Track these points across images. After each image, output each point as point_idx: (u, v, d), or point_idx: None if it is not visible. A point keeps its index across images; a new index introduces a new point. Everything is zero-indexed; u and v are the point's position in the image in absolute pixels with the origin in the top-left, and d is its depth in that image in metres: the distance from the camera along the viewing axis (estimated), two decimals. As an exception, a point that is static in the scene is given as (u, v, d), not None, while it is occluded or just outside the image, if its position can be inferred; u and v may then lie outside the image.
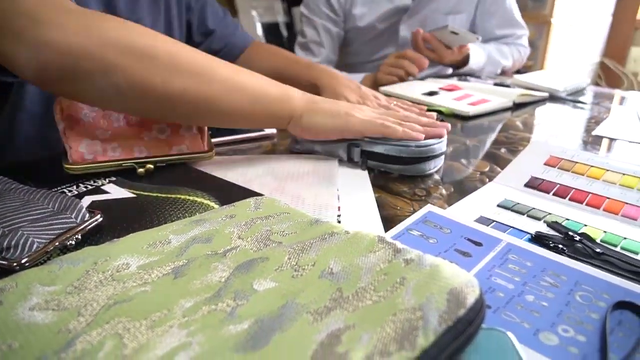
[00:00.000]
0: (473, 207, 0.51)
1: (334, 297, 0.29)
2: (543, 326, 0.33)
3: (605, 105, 1.04)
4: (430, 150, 0.57)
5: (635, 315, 0.34)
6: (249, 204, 0.44)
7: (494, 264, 0.39)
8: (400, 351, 0.23)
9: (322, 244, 0.34)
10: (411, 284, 0.28)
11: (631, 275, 0.39)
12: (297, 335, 0.26)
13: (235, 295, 0.30)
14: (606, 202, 0.52)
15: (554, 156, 0.63)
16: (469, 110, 0.88)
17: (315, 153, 0.65)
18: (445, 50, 1.18)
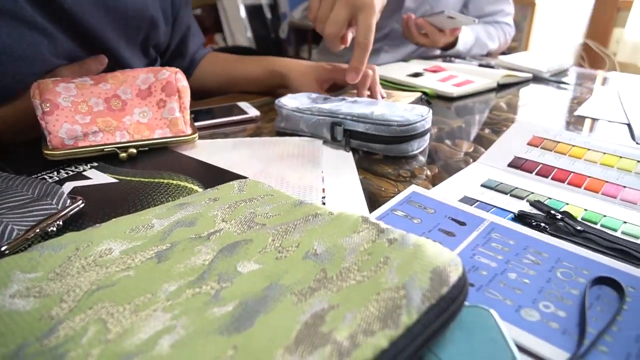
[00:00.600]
0: (457, 187, 0.51)
1: (318, 278, 0.29)
2: (525, 303, 0.33)
3: (588, 86, 1.05)
4: (413, 128, 0.57)
5: (613, 290, 0.34)
6: (233, 187, 0.44)
7: (477, 243, 0.40)
8: (383, 330, 0.24)
9: (306, 225, 0.34)
10: (395, 264, 0.28)
11: (610, 251, 0.40)
12: (281, 316, 0.26)
13: (219, 278, 0.30)
14: (587, 181, 0.53)
15: (537, 136, 0.63)
16: (453, 92, 0.88)
17: (300, 132, 0.65)
18: (438, 34, 1.17)
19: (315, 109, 0.63)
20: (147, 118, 0.61)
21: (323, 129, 0.62)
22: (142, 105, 0.61)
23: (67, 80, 0.57)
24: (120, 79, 0.60)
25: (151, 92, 0.61)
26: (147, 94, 0.61)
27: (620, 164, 0.56)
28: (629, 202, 0.49)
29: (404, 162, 0.58)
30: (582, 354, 0.29)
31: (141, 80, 0.61)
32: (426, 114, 0.59)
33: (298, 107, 0.65)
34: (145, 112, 0.61)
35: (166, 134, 0.61)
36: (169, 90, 0.61)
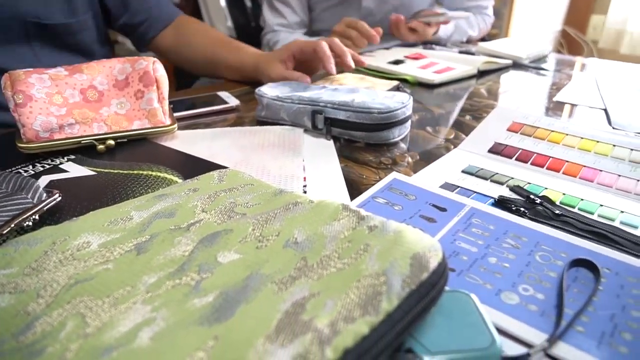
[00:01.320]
0: (438, 174, 0.52)
1: (298, 267, 0.29)
2: (504, 286, 0.34)
3: (566, 72, 1.06)
4: (393, 115, 0.57)
5: (590, 272, 0.35)
6: (213, 177, 0.43)
7: (458, 229, 0.40)
8: (364, 316, 0.24)
9: (287, 214, 0.34)
10: (375, 250, 0.28)
11: (587, 234, 0.40)
12: (262, 305, 0.26)
13: (199, 269, 0.30)
14: (565, 166, 0.54)
15: (517, 122, 0.64)
16: (434, 79, 0.88)
17: (280, 121, 0.65)
18: (428, 29, 1.17)
19: (295, 97, 0.63)
20: (125, 109, 0.60)
21: (304, 118, 0.62)
22: (119, 96, 0.60)
23: (40, 71, 0.56)
24: (96, 69, 0.59)
25: (128, 83, 0.60)
26: (124, 84, 0.60)
27: (597, 149, 0.57)
28: (605, 186, 0.50)
29: (385, 150, 0.58)
30: (559, 334, 0.29)
31: (118, 70, 0.60)
32: (406, 101, 0.59)
33: (278, 96, 0.64)
34: (122, 103, 0.60)
35: (145, 125, 0.60)
36: (146, 81, 0.60)
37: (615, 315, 0.31)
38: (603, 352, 0.28)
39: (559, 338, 0.29)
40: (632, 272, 0.35)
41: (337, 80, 0.82)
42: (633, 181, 0.50)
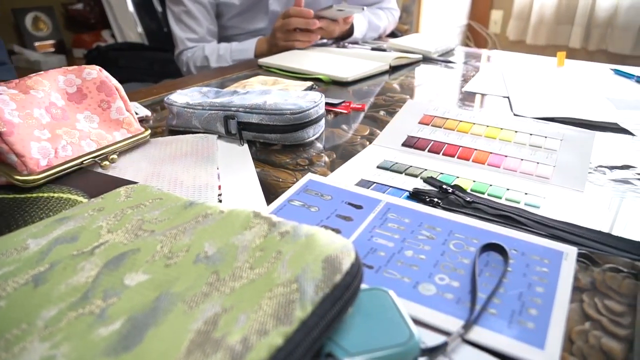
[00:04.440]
0: (354, 171, 0.52)
1: (210, 282, 0.27)
2: (422, 278, 0.34)
3: (473, 64, 1.11)
4: (306, 115, 0.57)
5: (499, 255, 0.37)
6: (119, 194, 0.41)
7: (374, 225, 0.40)
8: (277, 327, 0.23)
9: (196, 227, 0.33)
10: (287, 257, 0.27)
11: (496, 218, 0.42)
12: (172, 327, 0.24)
13: (104, 295, 0.28)
14: (474, 154, 0.56)
15: (427, 114, 0.66)
16: (347, 76, 0.89)
17: (193, 129, 0.62)
18: (332, 24, 1.19)
19: (206, 103, 0.61)
20: (95, 122, 0.56)
21: (216, 124, 0.60)
22: (81, 110, 0.56)
23: None
24: (45, 84, 0.54)
25: (85, 95, 0.57)
26: (80, 97, 0.57)
27: (502, 135, 0.60)
28: (510, 170, 0.52)
29: (302, 150, 0.58)
30: (474, 319, 0.30)
31: (64, 82, 0.56)
32: (319, 99, 0.59)
33: (188, 103, 0.62)
34: (89, 117, 0.56)
35: (125, 134, 0.58)
36: (107, 90, 0.58)
37: (523, 294, 0.32)
38: (513, 330, 0.30)
39: (474, 323, 0.30)
40: (536, 250, 0.37)
41: (250, 84, 0.81)
42: (534, 164, 0.53)
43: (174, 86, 0.87)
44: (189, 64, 1.26)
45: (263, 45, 1.20)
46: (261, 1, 1.26)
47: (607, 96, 0.82)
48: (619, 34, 2.47)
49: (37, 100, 0.52)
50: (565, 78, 0.96)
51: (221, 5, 1.26)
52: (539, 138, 0.59)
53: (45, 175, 0.48)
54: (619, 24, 2.46)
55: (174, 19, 1.26)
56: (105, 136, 0.56)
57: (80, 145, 0.53)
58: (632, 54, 2.48)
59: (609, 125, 0.67)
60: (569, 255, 0.36)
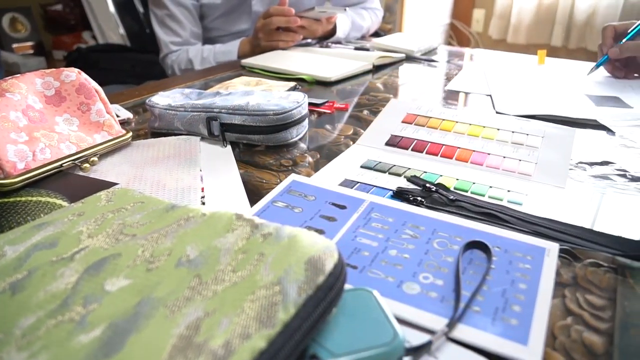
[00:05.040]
0: (338, 171, 0.52)
1: (192, 286, 0.27)
2: (406, 277, 0.34)
3: (456, 63, 1.12)
4: (289, 116, 0.56)
5: (483, 252, 0.37)
6: (100, 198, 0.40)
7: (358, 225, 0.40)
8: (260, 330, 0.23)
9: (178, 230, 0.32)
10: (269, 259, 0.27)
11: (479, 216, 0.42)
12: (155, 332, 0.24)
13: (85, 301, 0.27)
14: (457, 152, 0.56)
15: (410, 113, 0.66)
16: (330, 76, 0.89)
17: (175, 131, 0.62)
18: (315, 24, 1.19)
19: (189, 105, 0.60)
20: (75, 125, 0.56)
21: (199, 125, 0.59)
22: (60, 112, 0.55)
23: None
24: (21, 87, 0.53)
25: (64, 97, 0.56)
26: (59, 99, 0.56)
27: (484, 133, 0.60)
28: (493, 168, 0.53)
29: (285, 151, 0.58)
30: (458, 317, 0.30)
31: (41, 85, 0.55)
32: (302, 100, 0.59)
33: (170, 105, 0.61)
34: (69, 119, 0.55)
35: (106, 137, 0.57)
36: (86, 93, 0.57)
37: (506, 291, 0.33)
38: (497, 327, 0.30)
39: (458, 321, 0.30)
40: (518, 247, 0.37)
41: (233, 85, 0.81)
42: (516, 161, 0.54)
43: (157, 88, 0.86)
44: (173, 67, 1.26)
45: (246, 46, 1.20)
46: (244, 2, 1.26)
47: (587, 93, 0.83)
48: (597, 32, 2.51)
49: (13, 103, 0.51)
50: (546, 76, 0.97)
51: (204, 7, 1.25)
52: (521, 135, 0.59)
53: (23, 178, 0.48)
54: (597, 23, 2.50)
55: (158, 22, 1.25)
56: (85, 139, 0.55)
57: (60, 148, 0.52)
58: (611, 52, 2.51)
59: (589, 122, 0.68)
60: (551, 251, 0.37)
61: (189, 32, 1.25)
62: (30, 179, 0.48)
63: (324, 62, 1.00)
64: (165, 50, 1.26)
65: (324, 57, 1.05)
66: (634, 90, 0.86)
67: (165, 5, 1.21)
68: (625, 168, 0.53)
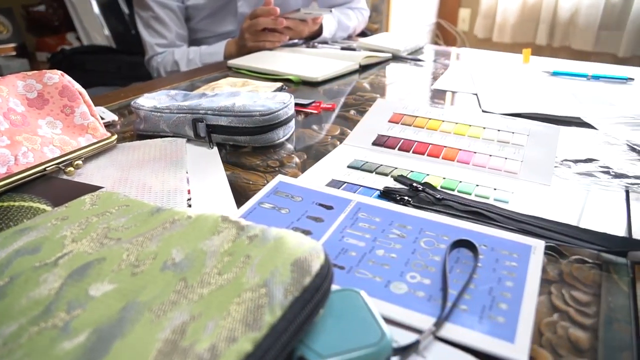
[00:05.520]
0: (325, 172, 0.52)
1: (177, 289, 0.27)
2: (393, 277, 0.34)
3: (442, 62, 1.12)
4: (276, 117, 0.56)
5: (470, 251, 0.37)
6: (84, 201, 0.39)
7: (345, 225, 0.40)
8: (246, 333, 0.23)
9: (163, 233, 0.32)
10: (255, 261, 0.27)
11: (466, 214, 0.43)
12: (140, 337, 0.24)
13: (68, 307, 0.27)
14: (444, 151, 0.57)
15: (397, 113, 0.66)
16: (317, 76, 0.89)
17: (161, 133, 0.61)
18: (301, 24, 1.19)
19: (174, 106, 0.60)
20: (59, 128, 0.55)
21: (185, 127, 0.59)
22: (43, 115, 0.54)
23: None
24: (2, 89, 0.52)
25: (47, 100, 0.55)
26: (41, 102, 0.55)
27: (470, 132, 0.60)
28: (479, 166, 0.53)
29: (272, 152, 0.57)
30: (445, 316, 0.30)
31: (23, 88, 0.54)
32: (288, 100, 0.59)
33: (156, 107, 0.61)
34: (52, 122, 0.55)
35: (91, 140, 0.56)
36: (70, 95, 0.56)
37: (493, 289, 0.33)
38: (484, 325, 0.30)
39: (446, 320, 0.30)
40: (505, 245, 0.37)
41: (219, 86, 0.80)
42: (502, 159, 0.54)
43: (142, 90, 0.85)
44: (159, 70, 1.25)
45: (232, 47, 1.19)
46: (230, 3, 1.25)
47: (570, 91, 0.84)
48: (580, 31, 2.54)
49: None
50: (531, 74, 0.98)
51: (190, 9, 1.25)
52: (507, 134, 0.60)
53: (5, 183, 0.47)
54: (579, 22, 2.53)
55: (143, 24, 1.24)
56: (69, 142, 0.54)
57: (43, 151, 0.51)
58: (594, 51, 2.55)
59: (573, 119, 0.69)
60: (537, 248, 0.37)
61: (174, 33, 1.24)
62: (12, 183, 0.47)
63: (311, 62, 1.00)
64: (150, 53, 1.25)
65: (310, 57, 1.05)
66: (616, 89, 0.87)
67: (150, 7, 1.20)
68: (608, 165, 0.54)
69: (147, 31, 1.23)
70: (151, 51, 1.25)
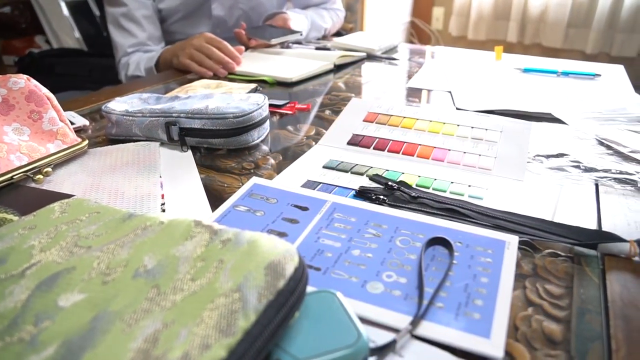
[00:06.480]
0: (300, 173, 0.52)
1: (150, 297, 0.26)
2: (369, 277, 0.34)
3: (417, 61, 1.13)
4: (249, 118, 0.56)
5: (445, 248, 0.37)
6: (53, 210, 0.38)
7: (321, 226, 0.40)
8: (220, 340, 0.22)
9: (135, 240, 0.31)
10: (228, 266, 0.26)
11: (441, 212, 0.43)
12: (111, 347, 0.23)
13: (36, 319, 0.26)
14: (419, 149, 0.57)
15: (371, 112, 0.66)
16: (291, 76, 0.89)
17: (134, 137, 0.60)
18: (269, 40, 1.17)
19: (147, 110, 0.59)
20: (26, 134, 0.53)
21: (158, 131, 0.58)
22: (9, 121, 0.53)
23: None
24: None
25: (13, 105, 0.54)
26: (7, 108, 0.53)
27: (445, 130, 0.61)
28: (453, 164, 0.53)
29: (247, 154, 0.57)
30: (421, 315, 0.30)
31: None
32: (262, 101, 0.58)
33: (128, 110, 0.60)
34: (19, 129, 0.53)
35: (60, 146, 0.55)
36: (37, 100, 0.55)
37: (468, 285, 0.33)
38: (460, 322, 0.30)
39: (422, 318, 0.30)
40: (479, 241, 0.38)
41: (192, 88, 0.79)
42: (476, 156, 0.55)
43: (115, 93, 0.83)
44: (126, 71, 1.19)
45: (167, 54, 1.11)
46: (204, 6, 1.23)
47: (541, 88, 0.86)
48: (550, 28, 2.60)
49: None
50: (503, 71, 1.00)
51: (164, 11, 1.22)
52: (480, 131, 0.60)
53: None
54: (549, 19, 2.58)
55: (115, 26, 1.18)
56: (37, 149, 0.53)
57: (9, 159, 0.50)
58: (563, 48, 2.60)
59: (544, 115, 0.70)
60: (511, 244, 0.38)
61: (146, 34, 1.19)
62: None
63: (285, 62, 1.00)
64: (120, 53, 1.20)
65: (284, 57, 1.05)
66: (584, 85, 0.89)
67: (122, 3, 1.15)
68: (579, 159, 0.55)
69: (119, 32, 1.18)
70: (121, 52, 1.20)
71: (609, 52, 2.48)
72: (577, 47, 2.57)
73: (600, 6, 2.41)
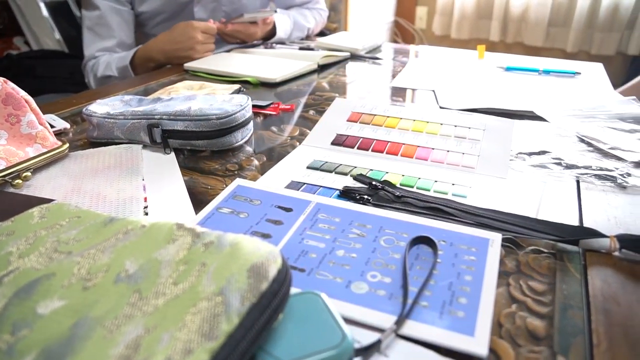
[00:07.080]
0: (284, 174, 0.51)
1: (131, 302, 0.26)
2: (354, 277, 0.34)
3: (400, 60, 1.14)
4: (233, 119, 0.55)
5: (429, 247, 0.37)
6: (32, 215, 0.38)
7: (305, 227, 0.40)
8: (202, 344, 0.22)
9: (117, 244, 0.31)
10: (211, 269, 0.26)
11: (426, 211, 0.43)
12: (91, 354, 0.23)
13: (13, 328, 0.26)
14: (402, 148, 0.57)
15: (355, 112, 0.66)
16: (275, 77, 0.88)
17: (116, 140, 0.59)
18: (251, 27, 1.17)
19: (128, 112, 0.58)
20: (4, 138, 0.52)
21: (140, 133, 0.57)
22: None
23: None
24: None
25: None
26: None
27: (428, 129, 0.61)
28: (437, 162, 0.54)
29: (231, 155, 0.57)
30: (406, 314, 0.31)
31: None
32: (245, 102, 0.58)
33: (109, 113, 0.59)
34: None
35: (40, 150, 0.54)
36: (14, 103, 0.54)
37: (452, 284, 0.33)
38: (444, 320, 0.30)
39: (407, 317, 0.30)
40: (463, 239, 0.38)
41: (175, 90, 0.78)
42: (459, 155, 0.55)
43: (96, 95, 0.82)
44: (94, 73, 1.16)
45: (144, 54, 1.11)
46: (186, 8, 1.22)
47: (523, 86, 0.87)
48: (531, 28, 2.63)
49: None
50: (486, 70, 1.00)
51: (144, 15, 1.20)
52: (463, 129, 0.61)
53: None
54: (530, 19, 2.61)
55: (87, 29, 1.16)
56: (16, 153, 0.52)
57: None
58: (544, 46, 2.64)
59: (526, 113, 0.71)
60: (495, 241, 0.38)
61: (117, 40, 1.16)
62: None
63: (268, 63, 0.99)
64: (87, 56, 1.16)
65: (268, 58, 1.04)
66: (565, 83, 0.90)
67: (97, 7, 1.13)
68: (560, 157, 0.56)
69: (91, 35, 1.16)
70: (88, 55, 1.17)
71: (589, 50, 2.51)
72: (558, 45, 2.61)
73: (580, 6, 2.44)
